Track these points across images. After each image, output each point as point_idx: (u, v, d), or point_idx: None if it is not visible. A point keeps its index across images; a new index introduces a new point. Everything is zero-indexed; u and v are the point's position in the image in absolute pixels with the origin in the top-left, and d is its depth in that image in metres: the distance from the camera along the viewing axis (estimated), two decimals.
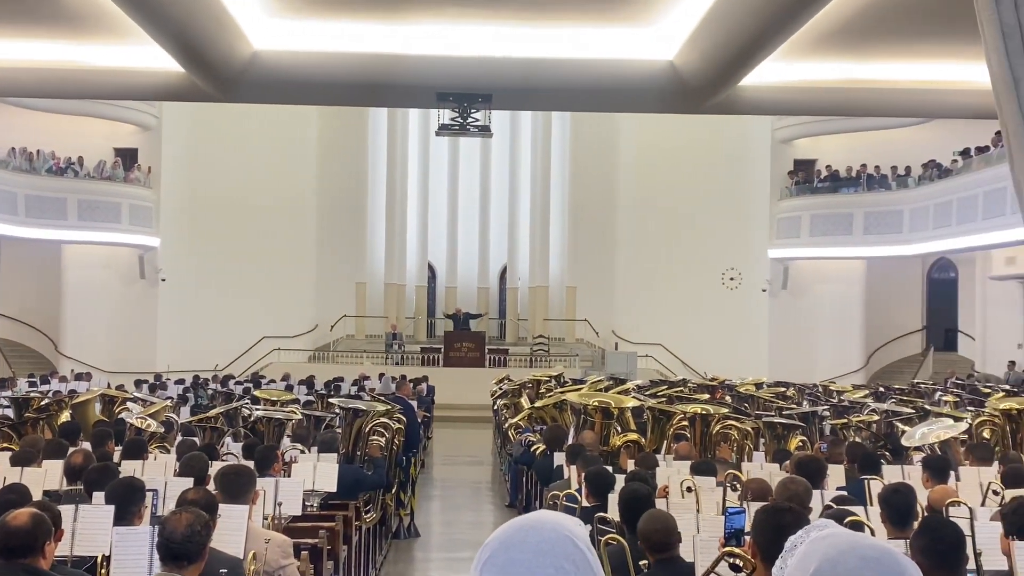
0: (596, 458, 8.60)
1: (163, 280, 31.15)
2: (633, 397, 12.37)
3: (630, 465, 8.87)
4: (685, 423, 10.78)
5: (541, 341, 31.56)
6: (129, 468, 8.07)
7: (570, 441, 10.51)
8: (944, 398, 17.74)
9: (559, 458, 9.81)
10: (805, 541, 1.76)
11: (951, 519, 4.86)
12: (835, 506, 6.40)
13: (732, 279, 32.73)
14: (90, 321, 30.20)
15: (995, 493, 7.55)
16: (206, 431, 10.56)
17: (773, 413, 13.42)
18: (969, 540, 5.01)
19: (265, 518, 6.92)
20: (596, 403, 10.64)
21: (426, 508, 14.20)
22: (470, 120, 17.68)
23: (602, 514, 6.65)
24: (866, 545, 1.71)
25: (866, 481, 7.66)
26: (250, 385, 20.85)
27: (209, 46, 15.24)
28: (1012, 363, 27.51)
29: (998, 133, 25.85)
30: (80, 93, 20.95)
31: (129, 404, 13.66)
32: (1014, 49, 2.08)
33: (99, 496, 6.09)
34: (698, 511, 6.79)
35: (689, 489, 7.43)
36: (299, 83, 16.77)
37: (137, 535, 5.33)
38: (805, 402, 17.33)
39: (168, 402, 14.85)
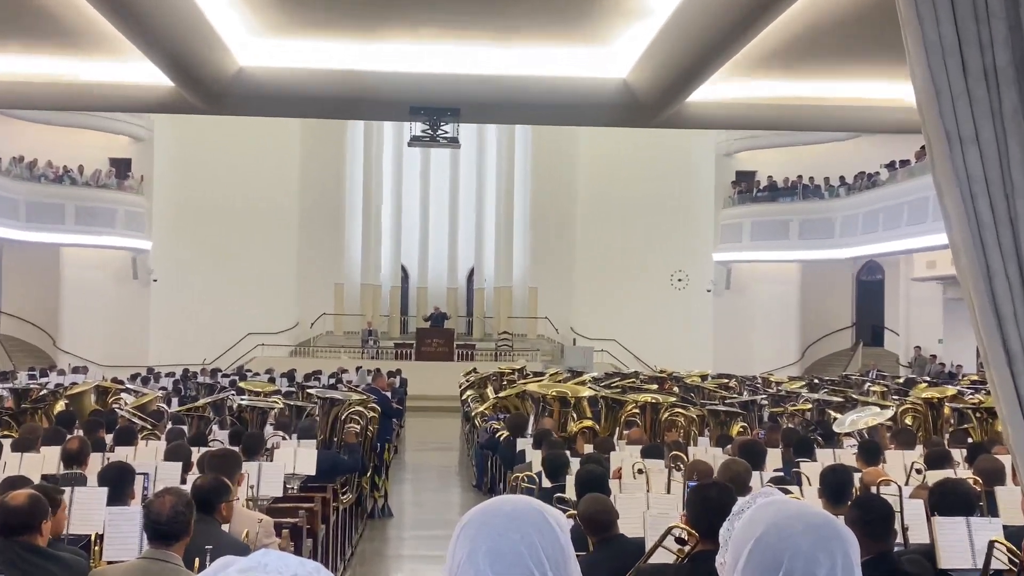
0: (558, 442, 8.62)
1: (155, 280, 30.88)
2: (589, 388, 12.38)
3: (587, 449, 8.90)
4: (636, 411, 10.81)
5: (505, 337, 31.56)
6: (121, 454, 8.01)
7: (530, 428, 10.53)
8: (872, 388, 17.90)
9: (521, 443, 9.82)
10: (752, 506, 1.76)
11: (882, 496, 4.89)
12: (774, 486, 6.44)
13: (680, 280, 32.91)
14: (86, 318, 29.88)
15: (918, 472, 7.63)
16: (194, 420, 10.48)
17: (717, 402, 13.48)
18: (898, 516, 5.06)
19: (249, 500, 6.87)
20: (555, 393, 10.66)
21: (399, 490, 14.16)
22: (440, 132, 17.64)
23: (560, 494, 6.66)
24: (810, 513, 1.71)
25: (798, 463, 7.72)
26: (236, 377, 20.69)
27: (198, 62, 15.11)
28: (933, 356, 27.83)
29: (922, 148, 26.09)
30: (77, 106, 20.70)
31: (122, 395, 13.54)
32: (936, 63, 2.10)
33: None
34: (648, 490, 6.83)
35: (640, 471, 7.46)
36: (281, 97, 16.66)
37: (128, 515, 5.27)
38: (745, 392, 17.43)
39: (159, 393, 14.71)
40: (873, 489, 6.13)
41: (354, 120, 30.40)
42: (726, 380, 20.03)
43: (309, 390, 14.55)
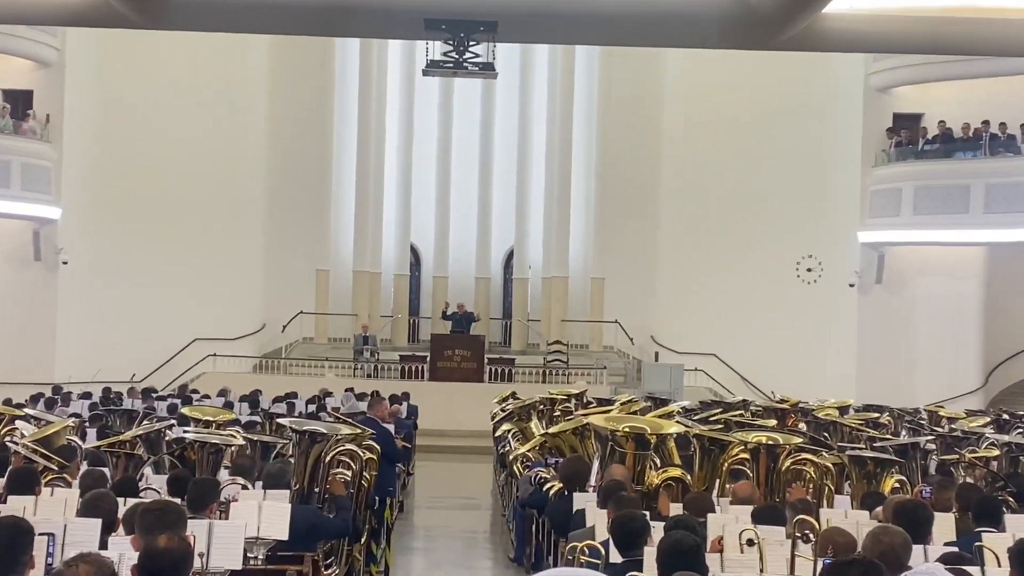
0: (633, 499, 8.62)
1: (64, 263, 31.09)
2: (677, 422, 12.37)
3: (673, 509, 8.89)
4: (745, 456, 10.79)
5: (558, 349, 31.55)
6: (17, 506, 8.09)
7: (593, 479, 10.53)
8: None
9: (580, 500, 9.83)
10: None
11: None
12: (944, 566, 6.41)
13: (810, 270, 32.71)
14: None
15: None
16: (119, 459, 10.56)
17: (862, 445, 13.44)
18: None
19: (196, 573, 6.92)
20: (627, 429, 10.65)
21: (405, 564, 14.21)
22: (468, 56, 17.65)
23: (636, 573, 6.67)
24: None
25: (980, 533, 7.69)
26: (177, 401, 20.86)
27: None
28: None
29: None
30: None
31: (18, 423, 13.70)
32: None
33: None
34: (762, 570, 6.81)
35: (750, 542, 7.46)
36: (242, 5, 16.76)
37: None
38: (904, 432, 17.33)
39: (70, 421, 14.86)
40: None
41: (346, 39, 30.48)
42: (876, 415, 19.95)
43: (280, 420, 14.64)
